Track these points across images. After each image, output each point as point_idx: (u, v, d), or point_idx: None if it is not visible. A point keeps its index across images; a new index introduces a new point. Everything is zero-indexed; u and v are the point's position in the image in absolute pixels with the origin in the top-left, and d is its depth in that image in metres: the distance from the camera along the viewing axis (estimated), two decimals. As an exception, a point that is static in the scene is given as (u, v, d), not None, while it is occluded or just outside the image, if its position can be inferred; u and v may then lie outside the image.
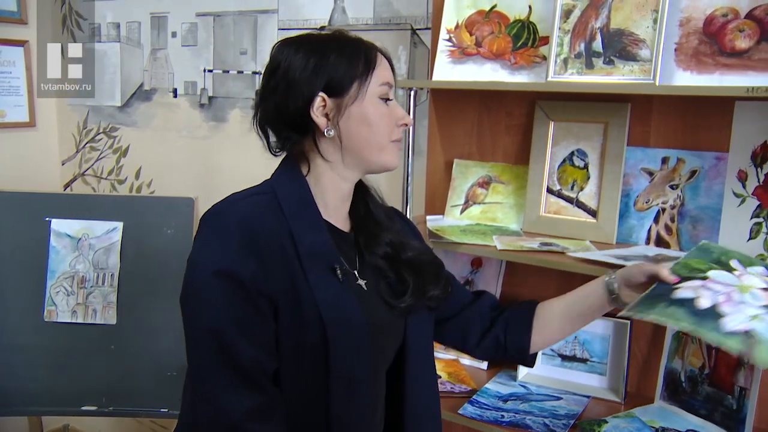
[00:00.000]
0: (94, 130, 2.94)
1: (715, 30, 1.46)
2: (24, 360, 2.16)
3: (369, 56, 1.14)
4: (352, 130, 1.14)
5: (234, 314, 1.04)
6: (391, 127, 1.15)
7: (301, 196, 1.15)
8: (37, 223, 2.19)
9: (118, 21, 2.79)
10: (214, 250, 1.06)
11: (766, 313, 1.09)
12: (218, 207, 1.11)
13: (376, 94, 1.13)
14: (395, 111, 1.16)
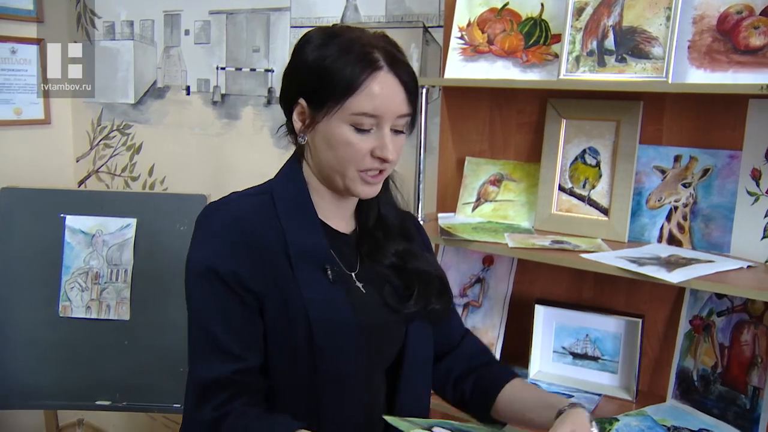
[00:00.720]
0: (108, 128, 2.96)
1: (729, 27, 1.45)
2: (39, 354, 2.19)
3: (353, 78, 1.04)
4: (318, 146, 1.11)
5: (217, 309, 1.07)
6: (358, 157, 1.07)
7: (297, 196, 1.14)
8: (52, 220, 2.21)
9: (132, 19, 2.81)
10: (202, 250, 1.09)
11: None
12: (211, 207, 1.14)
13: (346, 121, 1.06)
14: (369, 142, 1.07)
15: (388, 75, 1.06)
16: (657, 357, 1.66)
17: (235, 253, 1.07)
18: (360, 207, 1.22)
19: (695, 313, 1.57)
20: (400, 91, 1.07)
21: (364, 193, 1.12)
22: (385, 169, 1.10)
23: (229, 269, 1.05)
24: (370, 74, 1.04)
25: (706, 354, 1.54)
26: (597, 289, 1.72)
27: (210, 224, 1.11)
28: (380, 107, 1.05)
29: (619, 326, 1.64)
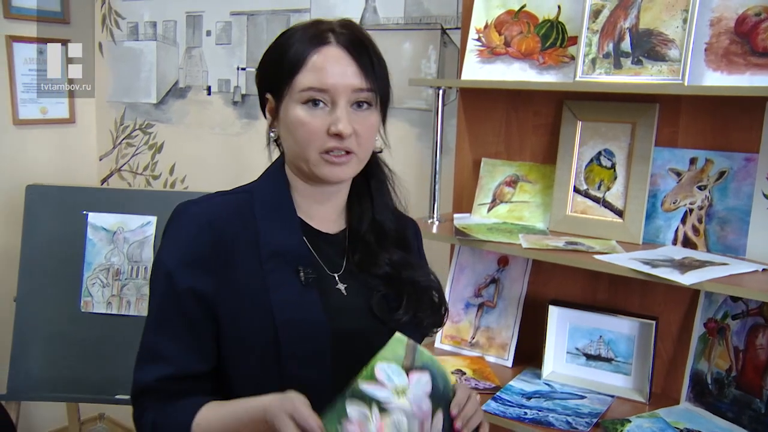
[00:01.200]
0: (131, 127, 3.01)
1: (747, 29, 1.45)
2: (61, 349, 2.24)
3: (297, 55, 1.04)
4: (283, 136, 1.10)
5: (162, 313, 1.07)
6: (316, 137, 1.04)
7: (275, 195, 1.12)
8: (75, 217, 2.26)
9: (155, 20, 2.85)
10: (165, 252, 1.08)
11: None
12: (183, 206, 1.11)
13: (298, 100, 1.04)
14: (324, 119, 1.04)
15: (334, 48, 1.04)
16: (671, 359, 1.65)
17: (194, 259, 1.05)
18: (351, 208, 1.19)
19: (710, 316, 1.56)
20: (350, 64, 1.04)
21: (332, 176, 1.07)
22: (349, 148, 1.05)
23: (186, 275, 1.05)
24: (315, 48, 1.04)
25: (721, 357, 1.53)
26: (611, 291, 1.72)
27: (177, 225, 1.09)
28: (327, 80, 1.03)
29: (633, 328, 1.64)
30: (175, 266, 1.06)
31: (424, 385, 0.98)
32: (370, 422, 0.94)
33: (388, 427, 0.94)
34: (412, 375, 0.97)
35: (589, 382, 1.68)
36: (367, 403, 0.94)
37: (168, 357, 1.06)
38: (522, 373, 1.75)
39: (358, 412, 0.93)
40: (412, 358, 0.98)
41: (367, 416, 0.94)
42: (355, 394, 0.94)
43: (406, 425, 0.95)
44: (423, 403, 0.97)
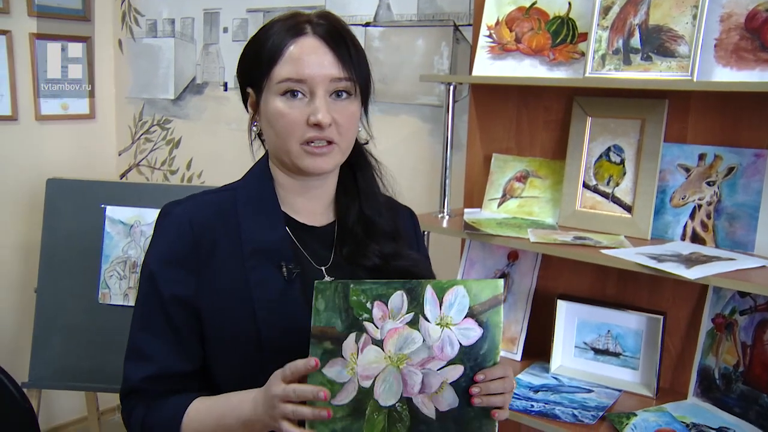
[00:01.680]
0: (149, 122, 3.06)
1: (758, 25, 1.45)
2: (80, 339, 2.28)
3: (274, 47, 1.04)
4: (263, 128, 1.10)
5: (145, 313, 1.09)
6: (295, 128, 1.04)
7: (259, 191, 1.12)
8: (94, 210, 2.31)
9: (173, 17, 2.89)
10: (150, 252, 1.10)
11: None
12: (167, 207, 1.13)
13: (276, 91, 1.04)
14: (303, 110, 1.04)
15: (310, 38, 1.05)
16: (679, 354, 1.66)
17: (175, 258, 1.06)
18: (339, 200, 1.19)
19: (718, 312, 1.57)
20: (327, 53, 1.04)
21: (314, 167, 1.07)
22: (329, 138, 1.05)
23: (167, 276, 1.06)
24: (291, 39, 1.04)
25: (728, 352, 1.54)
26: (620, 286, 1.73)
27: (161, 226, 1.11)
28: (303, 70, 1.03)
29: (641, 323, 1.65)
30: (158, 267, 1.07)
31: (467, 335, 0.97)
32: (395, 320, 0.95)
33: (399, 336, 0.95)
34: (468, 320, 0.98)
35: (596, 377, 1.69)
36: (410, 304, 0.96)
37: (152, 356, 1.08)
38: (530, 366, 1.77)
39: (397, 302, 0.95)
40: (485, 309, 0.98)
41: (399, 312, 0.96)
42: (414, 289, 0.96)
43: (414, 348, 0.96)
44: (448, 347, 0.97)
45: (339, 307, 0.94)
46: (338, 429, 0.94)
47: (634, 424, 1.47)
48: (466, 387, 0.97)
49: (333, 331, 0.94)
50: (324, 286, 0.95)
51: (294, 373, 0.93)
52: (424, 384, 0.96)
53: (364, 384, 0.94)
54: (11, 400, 1.84)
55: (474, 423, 0.98)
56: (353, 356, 0.94)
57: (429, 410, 0.97)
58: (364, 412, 0.94)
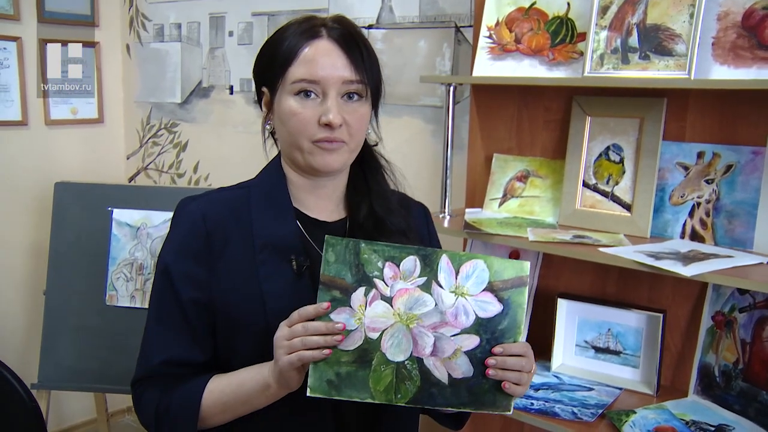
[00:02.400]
0: (156, 126, 3.09)
1: (755, 23, 1.46)
2: (88, 341, 2.31)
3: (290, 49, 1.08)
4: (276, 127, 1.13)
5: (161, 306, 1.12)
6: (307, 127, 1.07)
7: (272, 187, 1.15)
8: (101, 213, 2.34)
9: (180, 21, 2.93)
10: (165, 246, 1.14)
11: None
12: (183, 202, 1.16)
13: (290, 91, 1.07)
14: (315, 110, 1.07)
15: (325, 41, 1.08)
16: (679, 352, 1.66)
17: (189, 252, 1.10)
18: (350, 198, 1.21)
19: (717, 309, 1.57)
20: (341, 56, 1.07)
21: (324, 164, 1.09)
22: (339, 138, 1.08)
23: (181, 269, 1.10)
24: (306, 41, 1.07)
25: (728, 350, 1.54)
26: (620, 284, 1.73)
27: (176, 221, 1.14)
28: (317, 71, 1.06)
29: (641, 321, 1.66)
30: (172, 260, 1.11)
31: (485, 308, 0.99)
32: (406, 281, 0.98)
33: (410, 297, 0.98)
34: (486, 294, 1.00)
35: (597, 375, 1.70)
36: (423, 269, 0.99)
37: (169, 344, 1.11)
38: (532, 365, 1.77)
39: (409, 265, 0.98)
40: (507, 287, 1.00)
41: (410, 275, 0.98)
42: (429, 256, 0.99)
43: (424, 310, 0.98)
44: (463, 316, 0.99)
45: (349, 262, 0.98)
46: (342, 373, 0.97)
47: (633, 422, 1.47)
48: (483, 359, 0.99)
49: (342, 282, 0.98)
50: (335, 241, 0.99)
51: (302, 317, 0.97)
52: (436, 347, 0.98)
53: (371, 335, 0.97)
54: (19, 401, 1.86)
55: (488, 395, 1.00)
56: (361, 308, 0.97)
57: (441, 374, 0.99)
58: (370, 362, 0.97)
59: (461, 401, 0.99)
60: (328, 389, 0.97)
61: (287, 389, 1.02)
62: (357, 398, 0.98)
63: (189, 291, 1.10)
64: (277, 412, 1.07)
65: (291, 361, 0.97)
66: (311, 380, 0.97)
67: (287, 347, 0.97)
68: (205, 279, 1.10)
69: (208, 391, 1.08)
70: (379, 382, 0.97)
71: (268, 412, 1.07)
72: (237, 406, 1.07)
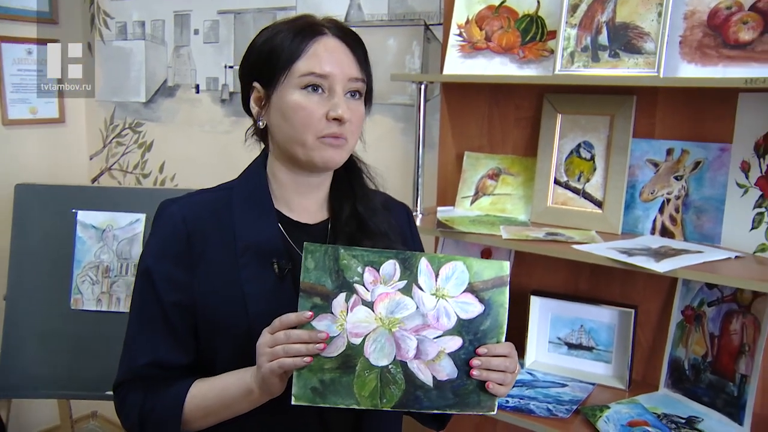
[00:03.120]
0: (120, 126, 3.03)
1: (720, 22, 1.48)
2: (52, 346, 2.25)
3: (297, 44, 1.07)
4: (274, 122, 1.11)
5: (142, 307, 1.12)
6: (314, 121, 1.06)
7: (254, 189, 1.15)
8: (65, 215, 2.28)
9: (143, 19, 2.87)
10: (146, 248, 1.14)
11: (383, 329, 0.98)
12: (164, 204, 1.16)
13: (297, 85, 1.07)
14: (323, 105, 1.07)
15: (332, 38, 1.09)
16: (650, 347, 1.68)
17: (170, 254, 1.09)
18: (332, 199, 1.21)
19: (687, 304, 1.60)
20: (347, 54, 1.09)
21: (327, 160, 1.09)
22: (344, 134, 1.08)
23: (162, 271, 1.09)
24: (313, 38, 1.08)
25: (697, 343, 1.57)
26: (593, 281, 1.75)
27: (157, 223, 1.14)
28: (326, 66, 1.06)
29: (613, 317, 1.67)
30: (153, 262, 1.11)
31: (466, 309, 0.99)
32: (386, 285, 0.98)
33: (391, 301, 0.98)
34: (467, 295, 0.99)
35: (570, 371, 1.71)
36: (403, 273, 0.98)
37: (152, 347, 1.11)
38: (505, 362, 1.78)
39: (389, 269, 0.98)
40: (487, 287, 1.00)
41: (390, 279, 0.98)
42: (408, 259, 0.99)
43: (405, 314, 0.98)
44: (444, 318, 0.99)
45: (329, 268, 0.97)
46: (326, 380, 0.96)
47: (607, 417, 1.48)
48: (467, 360, 0.99)
49: (323, 288, 0.97)
50: (314, 248, 0.98)
51: (284, 324, 0.96)
52: (420, 350, 0.98)
53: (354, 341, 0.97)
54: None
55: (472, 396, 1.00)
56: (343, 313, 0.97)
57: (426, 377, 0.98)
58: (354, 368, 0.96)
59: (446, 403, 0.99)
60: (312, 396, 0.96)
61: (269, 395, 1.01)
62: (342, 404, 0.97)
63: (170, 293, 1.09)
64: (260, 417, 1.06)
65: (272, 368, 0.96)
66: (295, 388, 0.96)
67: (269, 354, 0.96)
68: (187, 281, 1.09)
69: (191, 396, 1.07)
70: (364, 388, 0.97)
71: (251, 416, 1.06)
72: (220, 410, 1.07)
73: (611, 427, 1.45)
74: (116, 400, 1.15)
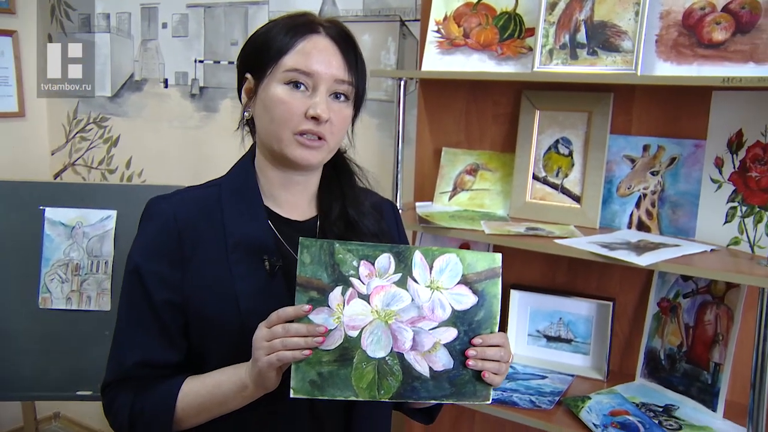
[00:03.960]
0: (84, 121, 2.96)
1: (694, 22, 1.52)
2: (19, 346, 2.19)
3: (288, 39, 1.08)
4: (257, 114, 1.12)
5: (131, 306, 1.11)
6: (293, 117, 1.06)
7: (243, 185, 1.14)
8: (32, 212, 2.22)
9: (108, 12, 2.81)
10: (134, 246, 1.12)
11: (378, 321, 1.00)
12: (152, 201, 1.14)
13: (281, 79, 1.07)
14: (304, 102, 1.07)
15: (322, 37, 1.10)
16: (627, 338, 1.73)
17: (160, 252, 1.09)
18: (321, 197, 1.20)
19: (663, 296, 1.64)
20: (336, 54, 1.09)
21: (301, 158, 1.08)
22: (322, 133, 1.08)
23: (152, 269, 1.08)
24: (304, 35, 1.09)
25: (673, 334, 1.61)
26: (570, 274, 1.78)
27: (145, 219, 1.13)
28: (312, 65, 1.07)
29: (591, 309, 1.71)
30: (142, 260, 1.10)
31: (460, 300, 1.01)
32: (382, 279, 0.99)
33: (386, 294, 0.99)
34: (461, 287, 1.01)
35: (550, 363, 1.74)
36: (398, 266, 1.00)
37: (142, 346, 1.10)
38: (485, 355, 1.80)
39: (384, 262, 0.99)
40: (481, 278, 1.02)
41: (386, 272, 0.99)
42: (402, 252, 1.00)
43: (401, 306, 0.99)
44: (439, 309, 1.00)
45: (325, 263, 0.98)
46: (324, 372, 0.97)
47: (590, 407, 1.52)
48: (462, 350, 1.00)
49: (319, 282, 0.98)
50: (309, 243, 0.99)
51: (281, 318, 0.97)
52: (416, 341, 0.99)
53: (351, 333, 0.98)
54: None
55: (468, 386, 1.01)
56: (339, 306, 0.98)
57: (422, 368, 1.00)
58: (352, 360, 0.98)
59: (443, 393, 1.01)
60: (311, 390, 0.97)
61: (264, 390, 1.01)
62: (341, 397, 0.97)
63: (161, 291, 1.08)
64: (253, 411, 1.06)
65: (271, 361, 0.96)
66: (294, 382, 0.96)
67: (267, 348, 0.96)
68: (178, 279, 1.08)
69: (183, 393, 1.06)
70: (362, 379, 0.98)
71: (244, 410, 1.06)
72: (213, 407, 1.06)
73: (594, 417, 1.49)
74: (105, 401, 1.13)
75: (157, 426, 1.07)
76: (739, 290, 1.49)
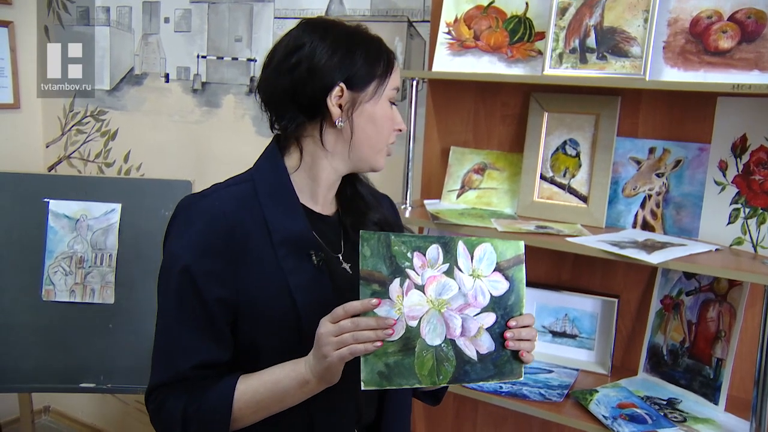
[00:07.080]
0: (81, 113, 2.95)
1: (701, 30, 1.58)
2: (22, 338, 2.19)
3: (389, 59, 1.17)
4: (361, 126, 1.15)
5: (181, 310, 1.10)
6: (390, 131, 1.19)
7: (277, 182, 1.16)
8: (35, 204, 2.22)
9: (108, 5, 2.80)
10: (180, 244, 1.10)
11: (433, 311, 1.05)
12: (192, 199, 1.15)
13: (388, 96, 1.17)
14: (396, 116, 1.20)
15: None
16: (629, 334, 1.79)
17: (211, 250, 1.08)
18: (340, 191, 1.26)
19: (666, 293, 1.70)
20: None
21: (383, 166, 1.21)
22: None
23: (203, 268, 1.08)
24: (393, 55, 1.19)
25: (675, 330, 1.67)
26: (575, 272, 1.84)
27: (189, 217, 1.12)
28: (399, 82, 1.20)
29: (596, 306, 1.77)
30: (193, 259, 1.08)
31: (496, 287, 1.07)
32: (432, 269, 1.04)
33: (438, 284, 1.05)
34: (496, 274, 1.08)
35: (555, 358, 1.80)
36: (445, 256, 1.05)
37: (194, 347, 1.09)
38: (491, 350, 1.85)
39: (434, 253, 1.05)
40: (510, 265, 1.09)
41: (435, 263, 1.05)
42: (448, 243, 1.06)
43: (450, 295, 1.05)
44: (480, 296, 1.06)
45: (383, 255, 1.02)
46: (391, 363, 1.01)
47: (598, 400, 1.57)
48: (500, 333, 1.07)
49: (380, 275, 1.02)
50: (369, 236, 1.03)
51: (348, 312, 1.00)
52: (464, 327, 1.05)
53: (411, 323, 1.02)
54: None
55: (507, 366, 1.08)
56: (399, 298, 1.02)
57: (471, 352, 1.05)
58: (414, 349, 1.02)
59: (489, 374, 1.07)
60: (380, 380, 1.00)
61: (327, 384, 1.04)
62: (406, 385, 1.02)
63: (214, 290, 1.08)
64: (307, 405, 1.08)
65: (342, 355, 0.99)
66: (364, 374, 1.00)
67: (336, 343, 0.98)
68: (230, 276, 1.09)
69: (239, 392, 1.07)
70: (423, 367, 1.03)
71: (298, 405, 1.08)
72: (272, 404, 1.08)
73: (602, 409, 1.54)
74: (152, 406, 1.12)
75: (214, 427, 1.07)
76: (742, 288, 1.55)
